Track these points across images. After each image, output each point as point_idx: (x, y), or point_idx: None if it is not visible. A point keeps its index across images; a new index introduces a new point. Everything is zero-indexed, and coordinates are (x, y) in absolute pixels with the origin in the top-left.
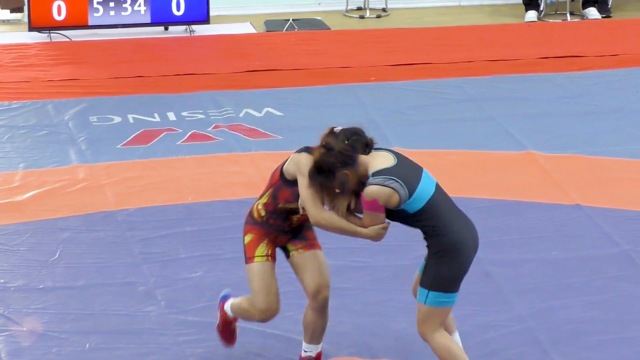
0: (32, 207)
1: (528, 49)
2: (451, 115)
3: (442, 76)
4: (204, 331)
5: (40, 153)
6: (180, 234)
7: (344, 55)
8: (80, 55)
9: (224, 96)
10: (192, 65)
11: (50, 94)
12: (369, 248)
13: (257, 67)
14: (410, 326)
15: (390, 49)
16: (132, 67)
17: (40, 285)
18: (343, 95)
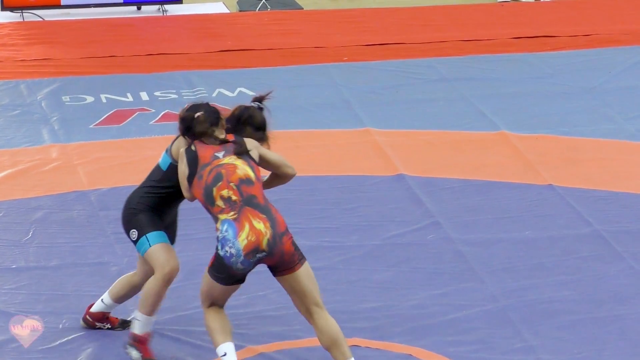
0: (5, 186)
1: (501, 29)
2: (424, 96)
3: (415, 56)
4: (175, 310)
5: (13, 133)
6: None
7: (316, 35)
8: (53, 35)
9: (196, 76)
10: (165, 45)
11: (23, 73)
12: (341, 228)
13: (230, 47)
14: (382, 305)
15: (363, 29)
16: (104, 47)
17: (13, 265)
18: (316, 75)
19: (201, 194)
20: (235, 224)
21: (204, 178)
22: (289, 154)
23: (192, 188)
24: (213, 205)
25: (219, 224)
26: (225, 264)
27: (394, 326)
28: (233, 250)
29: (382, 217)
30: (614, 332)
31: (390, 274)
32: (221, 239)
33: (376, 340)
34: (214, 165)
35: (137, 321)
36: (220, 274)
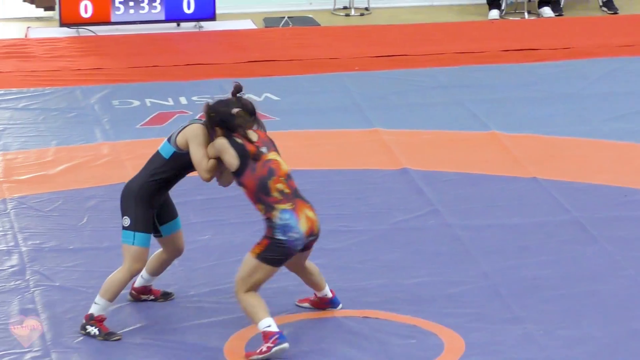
0: (63, 178)
1: (491, 43)
2: (425, 100)
3: (417, 66)
4: (210, 285)
5: (69, 132)
6: (191, 202)
7: (331, 48)
8: (104, 47)
9: (228, 83)
10: (200, 56)
11: (78, 81)
12: (353, 215)
13: (257, 58)
14: (389, 282)
15: (372, 42)
16: (148, 58)
17: (70, 246)
18: (331, 83)
19: (255, 184)
20: (295, 213)
21: (258, 171)
22: (307, 151)
23: (244, 178)
24: (269, 196)
25: (276, 212)
26: (288, 247)
27: (400, 300)
28: (297, 235)
29: (388, 205)
30: (590, 305)
31: (396, 254)
32: (282, 225)
33: (384, 312)
34: (264, 160)
35: (97, 305)
36: (279, 256)
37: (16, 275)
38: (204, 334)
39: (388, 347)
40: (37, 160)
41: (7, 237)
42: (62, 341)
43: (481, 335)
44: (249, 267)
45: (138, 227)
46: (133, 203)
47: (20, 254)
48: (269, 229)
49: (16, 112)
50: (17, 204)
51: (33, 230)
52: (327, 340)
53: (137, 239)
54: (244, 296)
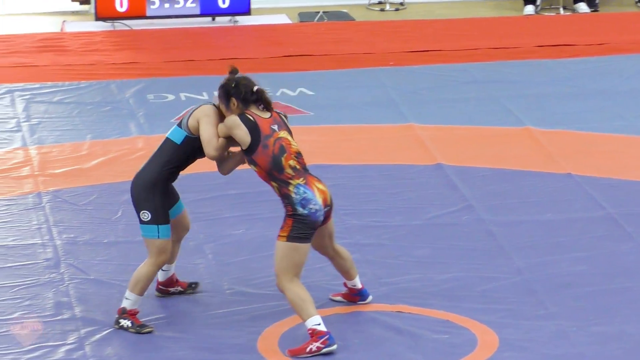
0: (98, 172)
1: (525, 38)
2: (459, 95)
3: (451, 61)
4: (245, 279)
5: (104, 126)
6: (225, 197)
7: (366, 43)
8: (139, 41)
9: (262, 77)
10: (235, 50)
11: (113, 75)
12: (387, 210)
13: (292, 52)
14: (423, 277)
15: (406, 37)
16: (183, 52)
17: (104, 239)
18: (366, 78)
19: (268, 162)
20: (308, 187)
21: (270, 148)
22: (342, 145)
23: (256, 155)
24: (282, 173)
25: (291, 187)
26: (312, 220)
27: (433, 295)
28: (317, 206)
29: (422, 200)
30: (624, 302)
31: (430, 250)
32: (301, 200)
33: (418, 307)
34: (275, 138)
35: (128, 300)
36: (306, 232)
37: (51, 268)
38: (237, 328)
39: (421, 342)
40: (72, 153)
41: (42, 230)
42: (96, 334)
43: (514, 331)
44: (283, 252)
45: (159, 219)
46: (150, 195)
47: (54, 248)
48: (288, 207)
49: (51, 105)
50: (52, 197)
51: (68, 224)
52: (360, 335)
53: (161, 232)
54: (290, 286)
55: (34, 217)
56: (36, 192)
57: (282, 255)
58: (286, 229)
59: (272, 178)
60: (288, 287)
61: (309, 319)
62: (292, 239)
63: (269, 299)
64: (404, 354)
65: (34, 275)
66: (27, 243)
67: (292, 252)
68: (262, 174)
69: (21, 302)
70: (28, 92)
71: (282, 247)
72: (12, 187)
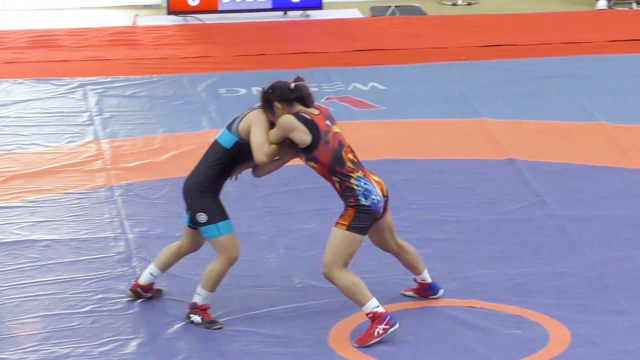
0: (170, 166)
1: (598, 33)
2: (531, 90)
3: (524, 56)
4: (317, 274)
5: (176, 120)
6: (296, 191)
7: (438, 38)
8: (211, 35)
9: (334, 72)
10: (307, 45)
11: (185, 69)
12: (459, 204)
13: (364, 47)
14: (495, 272)
15: (478, 32)
16: (255, 47)
17: (176, 233)
18: (437, 72)
19: (330, 157)
20: (367, 179)
21: (331, 143)
22: (413, 140)
23: (317, 152)
24: (343, 167)
25: (353, 180)
26: (374, 211)
27: (505, 290)
28: (378, 197)
29: (494, 195)
30: None
31: (501, 245)
32: (363, 191)
33: (489, 302)
34: (332, 133)
35: (199, 295)
36: (367, 223)
37: (123, 262)
38: (308, 322)
39: (493, 337)
40: (144, 147)
41: (114, 224)
42: (168, 328)
43: (586, 327)
44: (340, 240)
45: (216, 218)
46: (200, 196)
47: (126, 241)
48: (351, 198)
49: (123, 99)
50: (124, 191)
51: (140, 217)
52: (431, 329)
53: (222, 229)
54: (342, 274)
55: (106, 210)
56: (108, 185)
57: (339, 243)
58: (347, 218)
59: (333, 173)
60: (339, 275)
61: (368, 302)
62: (352, 228)
63: (340, 294)
64: (476, 349)
65: (106, 269)
66: (99, 236)
67: (349, 241)
68: (323, 170)
69: (93, 296)
70: (100, 85)
71: (340, 235)
72: (84, 180)
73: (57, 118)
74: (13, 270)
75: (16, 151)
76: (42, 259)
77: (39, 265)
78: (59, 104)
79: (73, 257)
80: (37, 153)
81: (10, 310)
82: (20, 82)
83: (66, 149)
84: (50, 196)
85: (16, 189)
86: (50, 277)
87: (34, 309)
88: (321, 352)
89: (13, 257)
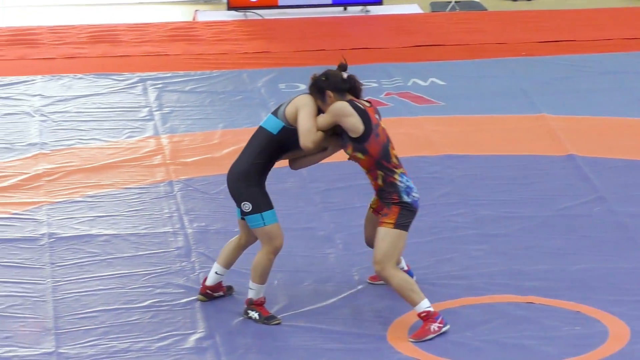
0: (229, 161)
1: None
2: (591, 86)
3: (584, 52)
4: (371, 270)
5: (235, 115)
6: (356, 186)
7: (498, 33)
8: (271, 31)
9: (394, 67)
10: (367, 40)
11: (244, 64)
12: (518, 200)
13: (423, 42)
14: (554, 268)
15: (539, 27)
16: (315, 42)
17: (235, 228)
18: (497, 68)
19: (379, 150)
20: (407, 176)
21: (381, 136)
22: (473, 136)
23: (369, 144)
24: (389, 161)
25: (397, 176)
26: (415, 208)
27: (564, 286)
28: (418, 195)
29: (554, 191)
30: None
31: (561, 241)
32: (405, 188)
33: (549, 298)
34: (381, 127)
35: (252, 290)
36: (410, 220)
37: (182, 257)
38: (366, 318)
39: (552, 333)
40: (203, 142)
41: (173, 218)
42: (226, 323)
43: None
44: (391, 239)
45: (262, 207)
46: (245, 185)
47: (185, 236)
48: (394, 195)
49: (183, 94)
50: (184, 186)
51: (199, 212)
52: (490, 326)
53: (267, 218)
54: (395, 272)
55: (165, 205)
56: (168, 180)
57: (390, 241)
58: (392, 217)
59: (379, 167)
60: (393, 273)
61: (421, 302)
62: (399, 226)
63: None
64: (535, 346)
65: (165, 264)
66: (158, 231)
67: (398, 239)
68: (369, 163)
69: (152, 291)
70: (160, 81)
71: (390, 233)
72: (144, 175)
73: (117, 113)
74: (72, 265)
75: (76, 146)
76: (101, 254)
77: (98, 260)
78: (118, 99)
79: (132, 252)
80: (97, 148)
81: (70, 305)
82: (80, 77)
83: (126, 144)
84: (109, 191)
85: (76, 183)
86: (109, 271)
87: (93, 304)
88: (380, 348)
89: (72, 252)
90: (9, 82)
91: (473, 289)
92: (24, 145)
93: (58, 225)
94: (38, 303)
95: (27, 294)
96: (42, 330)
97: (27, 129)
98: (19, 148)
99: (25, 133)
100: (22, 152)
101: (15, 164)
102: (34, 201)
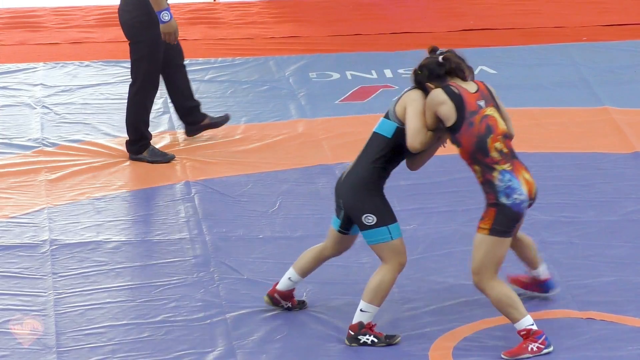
0: (253, 159)
1: None
2: None
3: None
4: (418, 280)
5: (261, 107)
6: (395, 188)
7: (556, 16)
8: (300, 13)
9: None
10: (409, 23)
11: (271, 50)
12: (578, 204)
13: (472, 26)
14: (618, 280)
15: (602, 9)
16: (350, 26)
17: (260, 235)
18: (555, 55)
19: (472, 142)
20: (514, 174)
21: (476, 126)
22: (529, 131)
23: (460, 134)
24: (487, 156)
25: (496, 173)
26: (516, 212)
27: (629, 301)
28: (522, 197)
29: (618, 193)
30: None
31: (626, 249)
32: (505, 188)
33: (611, 313)
34: (482, 115)
35: (366, 313)
36: (510, 226)
37: (199, 266)
38: (407, 334)
39: (614, 354)
40: (224, 138)
41: (191, 224)
42: (248, 339)
43: None
44: (486, 246)
45: (387, 220)
46: (367, 196)
47: (204, 243)
48: (490, 195)
49: (202, 84)
50: (202, 187)
51: (219, 217)
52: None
53: (393, 232)
54: (495, 284)
55: (181, 209)
56: (184, 181)
57: (485, 250)
58: (487, 221)
59: (475, 161)
60: (491, 285)
61: (523, 318)
62: (495, 232)
63: (443, 301)
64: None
65: (181, 274)
66: (173, 238)
67: (495, 246)
68: (465, 156)
69: (166, 304)
70: None
71: (484, 240)
72: (157, 175)
73: None
74: (77, 275)
75: (82, 141)
76: (109, 263)
77: (105, 270)
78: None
79: (144, 260)
80: (105, 144)
81: (74, 320)
82: (87, 64)
83: None
84: (119, 193)
85: (82, 184)
86: (118, 283)
87: (99, 319)
88: None
89: (77, 261)
90: (7, 70)
91: (526, 302)
92: (24, 140)
93: (61, 231)
94: (38, 318)
95: (26, 308)
96: (43, 349)
97: (28, 123)
98: (18, 144)
99: (25, 127)
100: (21, 148)
101: (13, 161)
102: (35, 203)
